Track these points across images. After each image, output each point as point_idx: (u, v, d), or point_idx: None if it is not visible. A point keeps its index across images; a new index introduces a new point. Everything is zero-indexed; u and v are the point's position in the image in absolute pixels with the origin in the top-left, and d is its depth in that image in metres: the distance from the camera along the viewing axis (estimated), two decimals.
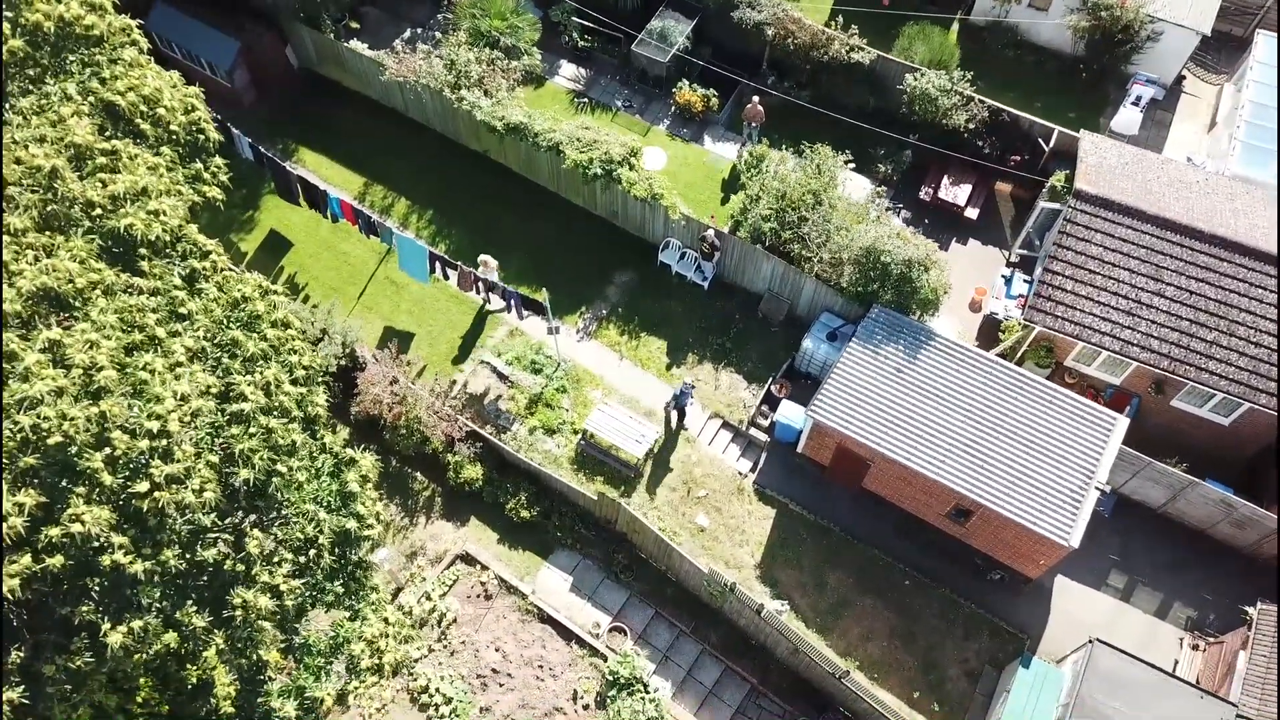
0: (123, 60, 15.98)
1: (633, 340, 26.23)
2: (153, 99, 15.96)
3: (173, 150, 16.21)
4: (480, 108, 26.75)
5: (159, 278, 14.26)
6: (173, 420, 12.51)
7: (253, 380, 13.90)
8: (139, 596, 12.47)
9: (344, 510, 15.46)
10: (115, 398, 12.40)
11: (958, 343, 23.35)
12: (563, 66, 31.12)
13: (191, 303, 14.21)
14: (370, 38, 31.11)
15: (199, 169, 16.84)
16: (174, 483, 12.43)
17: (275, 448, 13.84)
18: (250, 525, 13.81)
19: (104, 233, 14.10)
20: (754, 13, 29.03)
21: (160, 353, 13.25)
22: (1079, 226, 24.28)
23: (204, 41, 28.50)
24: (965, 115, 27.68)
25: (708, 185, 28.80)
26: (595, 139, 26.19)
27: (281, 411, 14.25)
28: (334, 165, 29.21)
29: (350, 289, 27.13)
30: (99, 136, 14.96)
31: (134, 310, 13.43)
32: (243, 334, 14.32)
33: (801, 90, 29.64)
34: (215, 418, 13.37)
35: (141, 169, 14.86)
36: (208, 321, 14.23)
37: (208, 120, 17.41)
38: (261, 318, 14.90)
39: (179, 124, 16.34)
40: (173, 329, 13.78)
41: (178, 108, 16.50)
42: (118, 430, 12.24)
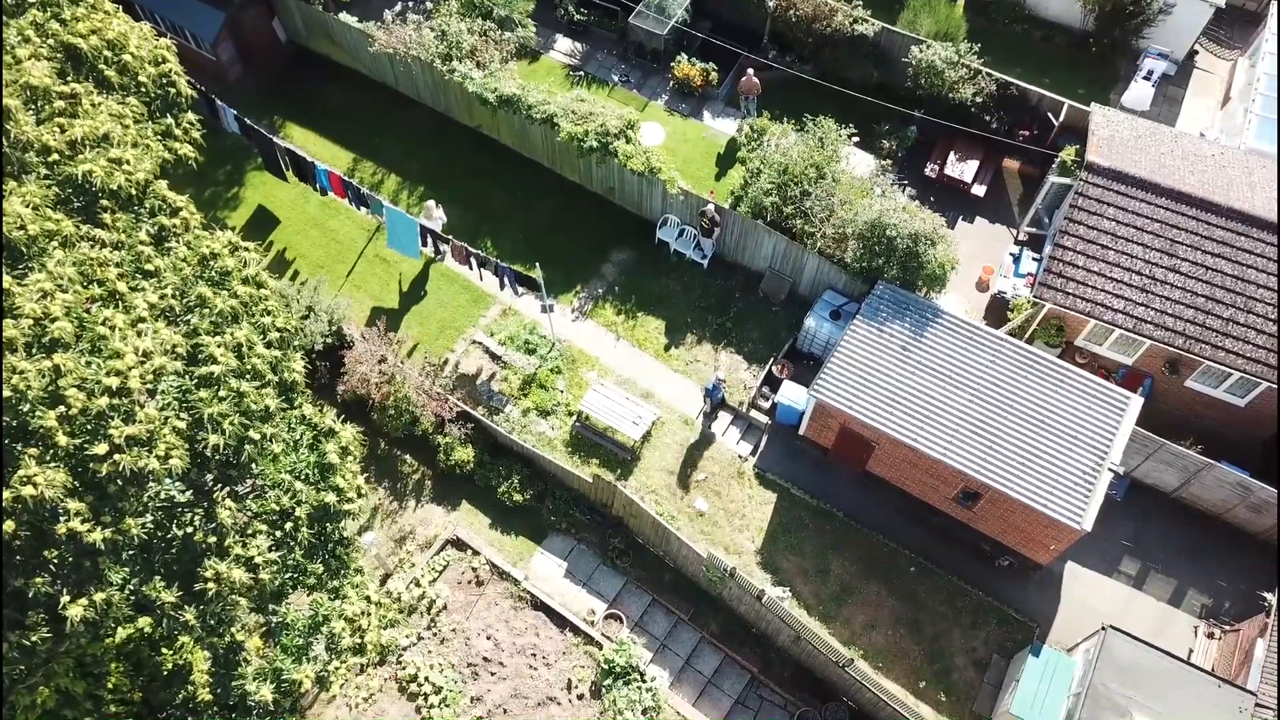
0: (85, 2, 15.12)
1: (630, 320, 25.43)
2: (118, 44, 15.09)
3: (141, 102, 15.36)
4: (472, 79, 25.91)
5: (123, 232, 13.43)
6: (133, 377, 11.70)
7: (223, 341, 13.09)
8: (101, 569, 11.69)
9: (323, 483, 14.68)
10: (71, 352, 11.59)
11: (965, 320, 22.55)
12: (558, 41, 30.27)
13: (159, 259, 13.38)
14: (360, 10, 30.26)
15: (169, 124, 15.97)
16: (136, 445, 11.63)
17: (247, 413, 13.04)
18: (223, 495, 13.03)
19: (61, 180, 13.28)
20: None
21: (122, 308, 12.44)
22: (1090, 200, 23.46)
23: (187, 12, 27.65)
24: (972, 89, 26.86)
25: (706, 161, 27.98)
26: (591, 111, 25.37)
27: (254, 375, 13.45)
28: (322, 141, 28.38)
29: (339, 267, 26.32)
30: (58, 80, 14.11)
31: (94, 263, 12.61)
32: (211, 290, 13.49)
33: (804, 64, 28.82)
34: (183, 381, 12.56)
35: (104, 115, 14.02)
36: (176, 279, 13.40)
37: (179, 73, 16.54)
38: (232, 274, 14.07)
39: (148, 75, 15.48)
40: (137, 284, 12.96)
41: (146, 58, 15.63)
42: (73, 388, 11.44)
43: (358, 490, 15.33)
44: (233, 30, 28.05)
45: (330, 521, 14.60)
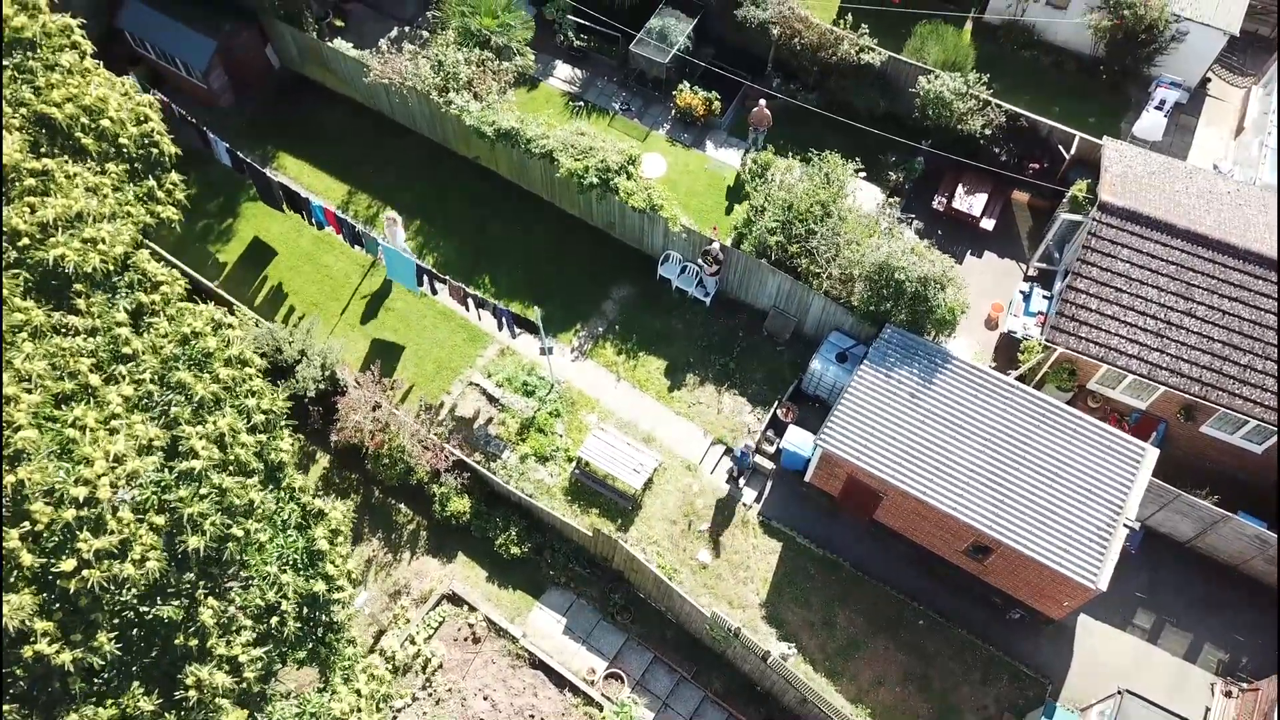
0: (61, 66, 14.44)
1: (630, 360, 24.81)
2: (95, 109, 14.42)
3: (121, 167, 14.69)
4: (469, 112, 25.25)
5: (98, 316, 12.80)
6: (103, 486, 11.07)
7: (204, 431, 12.47)
8: (72, 691, 11.05)
9: (311, 571, 14.04)
10: (37, 461, 10.96)
11: (976, 366, 21.95)
12: (557, 67, 29.60)
13: (136, 341, 12.74)
14: (354, 36, 29.55)
15: (152, 186, 15.31)
16: (106, 558, 11.00)
17: (229, 510, 12.42)
18: (204, 594, 12.40)
19: (32, 266, 12.64)
20: (758, 10, 27.53)
21: (94, 404, 11.81)
22: (1104, 241, 22.85)
23: (178, 41, 26.97)
24: (981, 120, 26.22)
25: (710, 194, 27.34)
26: (591, 146, 24.71)
27: (238, 466, 12.83)
28: (316, 172, 27.72)
29: (332, 304, 25.68)
30: (29, 154, 13.45)
31: (66, 354, 11.98)
32: (192, 375, 12.86)
33: (808, 93, 28.18)
34: (162, 475, 11.93)
35: (79, 190, 13.36)
36: (155, 362, 12.77)
37: (162, 132, 15.88)
38: (214, 355, 13.43)
39: (129, 136, 14.82)
40: (114, 370, 12.31)
41: (127, 119, 14.96)
42: (39, 501, 10.81)
43: (348, 575, 14.72)
44: (224, 57, 27.39)
45: (318, 609, 13.98)
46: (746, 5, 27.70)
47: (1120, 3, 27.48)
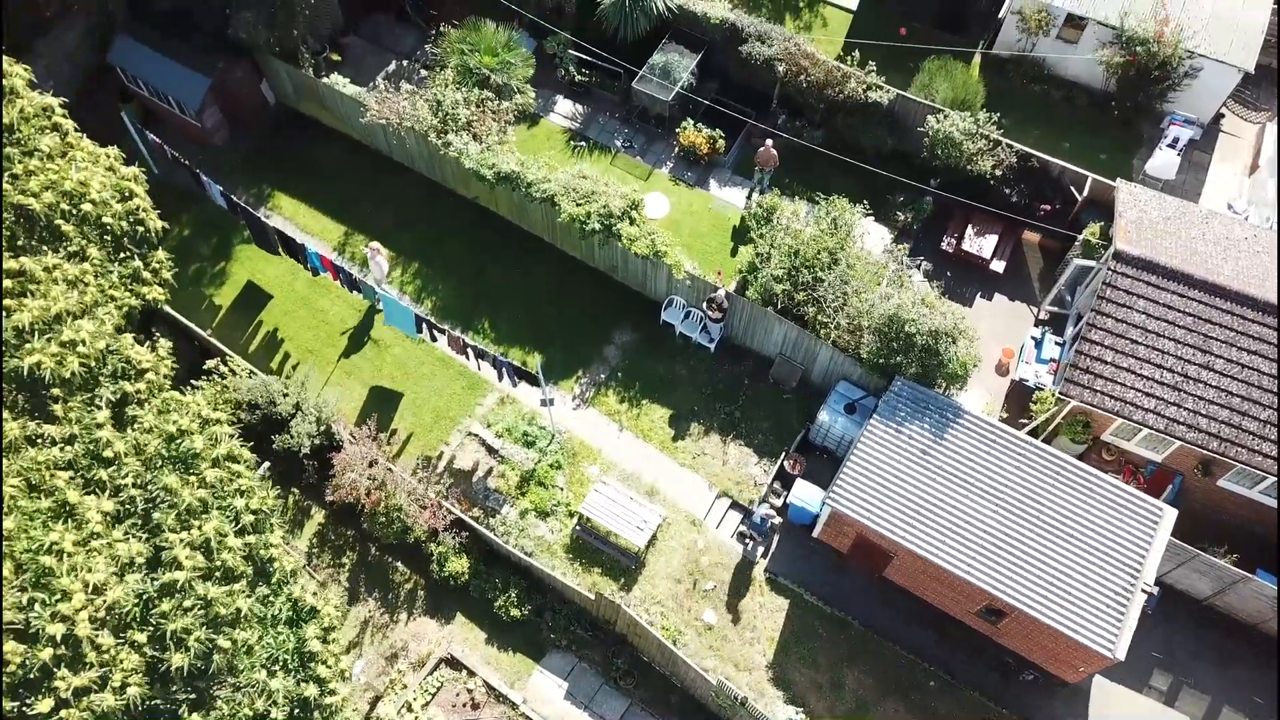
0: (40, 151, 13.85)
1: (633, 408, 24.24)
2: (76, 194, 13.84)
3: (104, 251, 14.11)
4: (468, 155, 24.68)
5: (76, 421, 12.23)
6: (81, 621, 10.49)
7: (188, 539, 11.89)
8: None
9: (303, 673, 13.47)
10: (9, 594, 10.38)
11: (989, 421, 21.40)
12: (558, 103, 29.03)
13: (119, 442, 12.17)
14: (352, 70, 29.02)
15: (137, 267, 14.72)
16: (85, 694, 10.43)
17: (215, 622, 11.85)
18: (187, 710, 11.83)
19: (6, 375, 12.07)
20: (764, 47, 26.98)
21: (73, 524, 11.24)
22: (1119, 291, 22.30)
23: (170, 78, 26.38)
24: (991, 161, 25.66)
25: (714, 235, 26.78)
26: (593, 190, 24.14)
27: (225, 574, 12.26)
28: (312, 212, 27.14)
29: (329, 350, 25.10)
30: (7, 253, 12.86)
31: (42, 468, 11.40)
32: (178, 479, 12.29)
33: (814, 130, 27.61)
34: (144, 587, 11.35)
35: (58, 289, 12.78)
36: (137, 465, 12.20)
37: (147, 209, 15.30)
38: (201, 455, 12.85)
39: (112, 215, 14.24)
40: (95, 474, 11.69)
41: (111, 198, 14.37)
42: (11, 641, 10.24)
43: (341, 675, 14.14)
44: (218, 95, 26.82)
45: (310, 713, 13.37)
46: (751, 42, 27.14)
47: (1133, 39, 26.92)
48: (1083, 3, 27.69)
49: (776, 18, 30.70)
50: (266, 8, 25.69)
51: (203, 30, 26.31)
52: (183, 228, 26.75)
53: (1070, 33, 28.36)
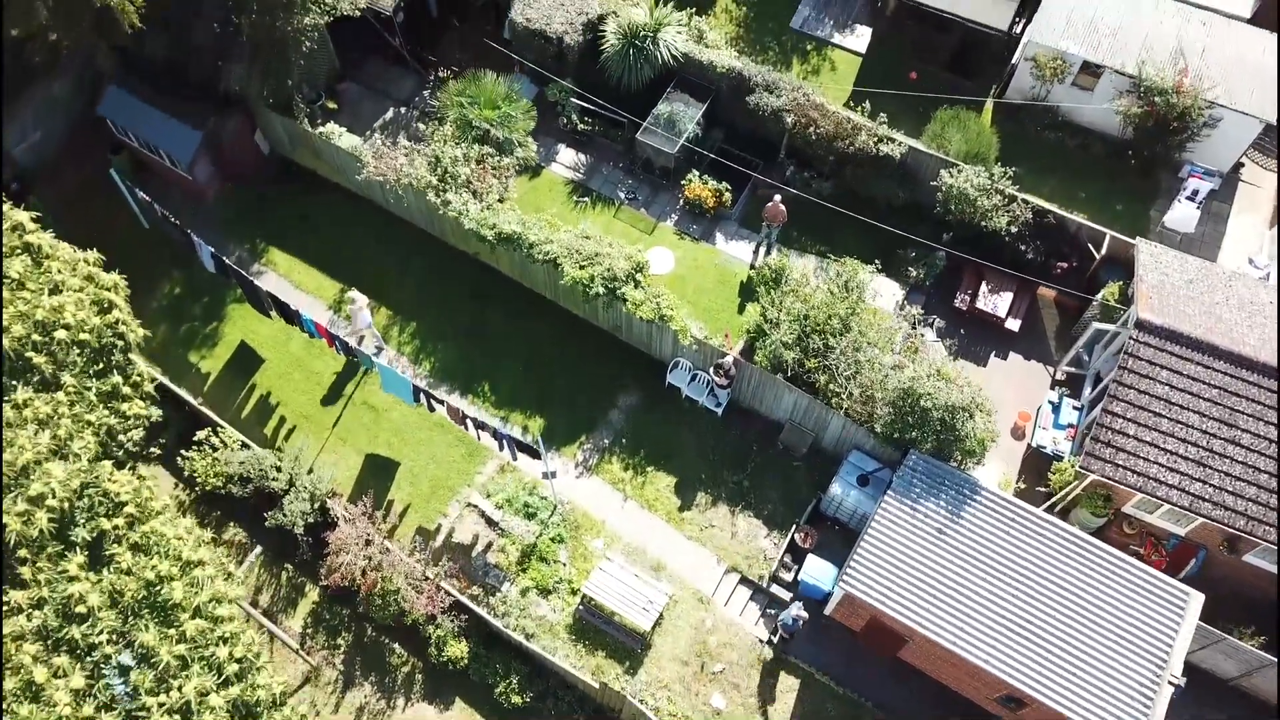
0: (10, 278, 13.10)
1: (638, 476, 23.48)
2: (49, 323, 13.09)
3: (79, 376, 13.32)
4: (468, 214, 23.93)
5: (45, 584, 11.47)
6: None
7: (167, 703, 11.14)
8: None
9: None
10: None
11: (1008, 499, 20.68)
12: (560, 152, 28.27)
13: (93, 595, 11.40)
14: (348, 117, 28.29)
15: (116, 383, 13.95)
16: None
17: None
18: None
19: None
20: (771, 98, 26.23)
21: (41, 704, 10.48)
22: (1142, 362, 21.54)
23: (161, 132, 25.64)
24: (1007, 217, 24.91)
25: (721, 291, 26.02)
26: (597, 252, 23.40)
27: None
28: (307, 268, 26.39)
29: (323, 415, 24.34)
30: None
31: (8, 640, 10.64)
32: (156, 634, 11.52)
33: (824, 181, 26.87)
34: None
35: (25, 434, 12.00)
36: (113, 619, 11.44)
37: (128, 320, 14.52)
38: (182, 605, 12.06)
39: (90, 330, 13.47)
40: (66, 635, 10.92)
41: (88, 314, 13.60)
42: None
43: None
44: (210, 148, 26.07)
45: None
46: (759, 92, 26.40)
47: (1151, 89, 26.19)
48: (1099, 50, 26.98)
49: (783, 62, 30.01)
50: (260, 60, 24.95)
51: (194, 82, 25.50)
52: (174, 285, 26.01)
53: (1086, 80, 27.62)
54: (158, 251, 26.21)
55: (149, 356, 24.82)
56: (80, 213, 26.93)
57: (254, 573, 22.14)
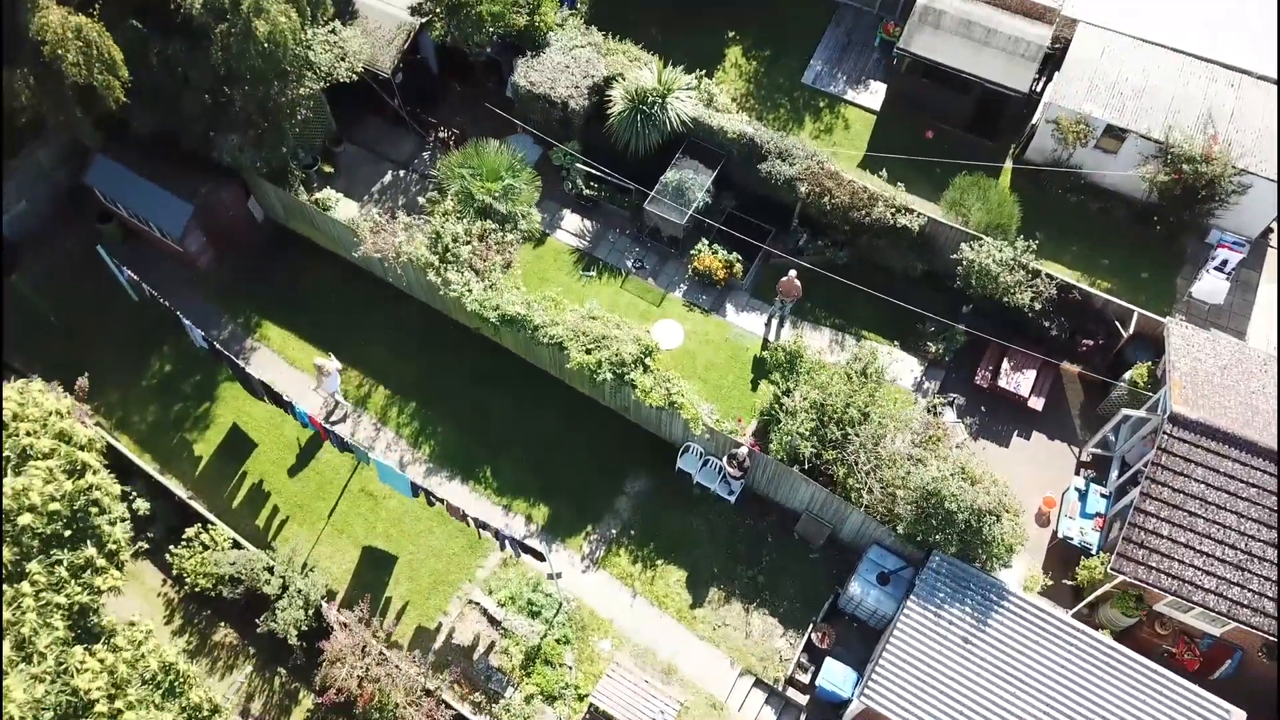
0: None
1: (648, 570, 22.50)
2: (13, 510, 12.06)
3: (46, 562, 12.32)
4: (470, 293, 22.94)
5: None
6: None
7: None
8: None
9: None
10: None
11: (1037, 605, 19.74)
12: (565, 218, 27.30)
13: None
14: (345, 181, 27.42)
15: (90, 555, 12.92)
16: None
17: None
18: None
19: None
20: (785, 166, 25.27)
21: None
22: (1176, 458, 20.56)
23: (150, 203, 24.67)
24: (1030, 293, 23.92)
25: (732, 366, 25.04)
26: (604, 334, 22.42)
27: None
28: (302, 343, 25.40)
29: (319, 504, 23.35)
30: None
31: None
32: None
33: (839, 250, 25.89)
34: None
35: None
36: None
37: (105, 485, 13.50)
38: None
39: (63, 498, 12.46)
40: None
41: (59, 485, 12.56)
42: None
43: None
44: (202, 218, 25.08)
45: None
46: (771, 160, 25.44)
47: (1179, 156, 25.21)
48: (1124, 114, 26.03)
49: (795, 119, 29.07)
50: (253, 129, 24.00)
51: (185, 149, 24.55)
52: (164, 362, 25.04)
53: (1109, 143, 26.65)
54: (148, 324, 25.25)
55: (138, 441, 23.94)
56: (68, 285, 26.03)
57: (241, 693, 21.08)
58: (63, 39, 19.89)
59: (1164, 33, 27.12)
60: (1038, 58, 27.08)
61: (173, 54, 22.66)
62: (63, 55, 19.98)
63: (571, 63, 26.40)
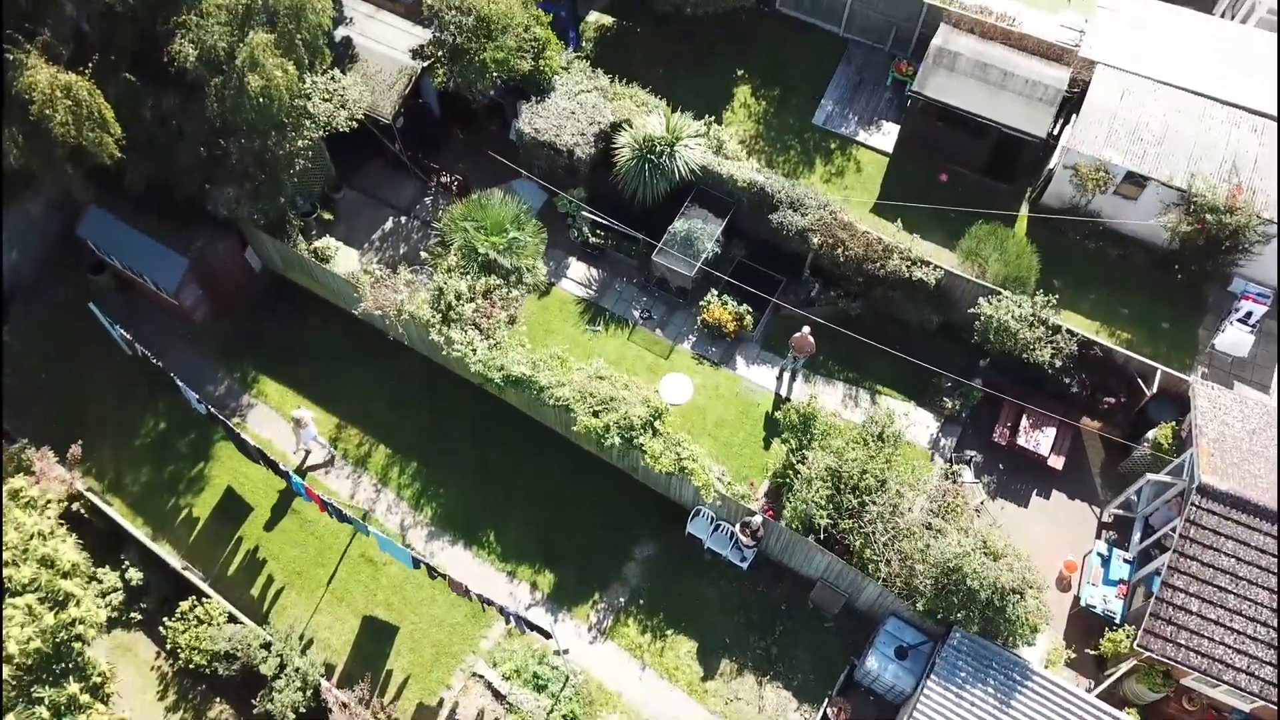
0: None
1: (657, 640, 21.79)
2: None
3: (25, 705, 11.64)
4: (474, 353, 22.24)
5: None
6: None
7: None
8: None
9: None
10: None
11: (1063, 686, 19.05)
12: (571, 266, 26.60)
13: None
14: (344, 228, 26.78)
15: (73, 693, 12.14)
16: None
17: None
18: None
19: None
20: (797, 216, 24.58)
21: None
22: (1205, 531, 19.84)
23: (145, 258, 23.98)
24: (1050, 350, 23.22)
25: (743, 423, 24.34)
26: (612, 396, 21.71)
27: None
28: (300, 400, 24.68)
29: (318, 570, 22.63)
30: None
31: None
32: None
33: (852, 301, 25.21)
34: None
35: None
36: None
37: (87, 614, 12.72)
38: None
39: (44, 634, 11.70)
40: None
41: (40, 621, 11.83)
42: None
43: None
44: (197, 272, 24.38)
45: None
46: (783, 210, 24.75)
47: (1201, 205, 24.53)
48: (1144, 161, 25.34)
49: (806, 161, 28.38)
50: (250, 182, 23.30)
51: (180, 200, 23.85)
52: (158, 420, 24.33)
53: (1130, 189, 25.94)
54: (142, 379, 24.54)
55: (131, 504, 23.25)
56: (60, 339, 25.34)
57: None
58: (51, 99, 19.18)
59: (1185, 75, 26.48)
60: (1056, 101, 26.39)
61: (167, 107, 22.00)
62: (50, 116, 19.27)
63: (577, 108, 25.70)
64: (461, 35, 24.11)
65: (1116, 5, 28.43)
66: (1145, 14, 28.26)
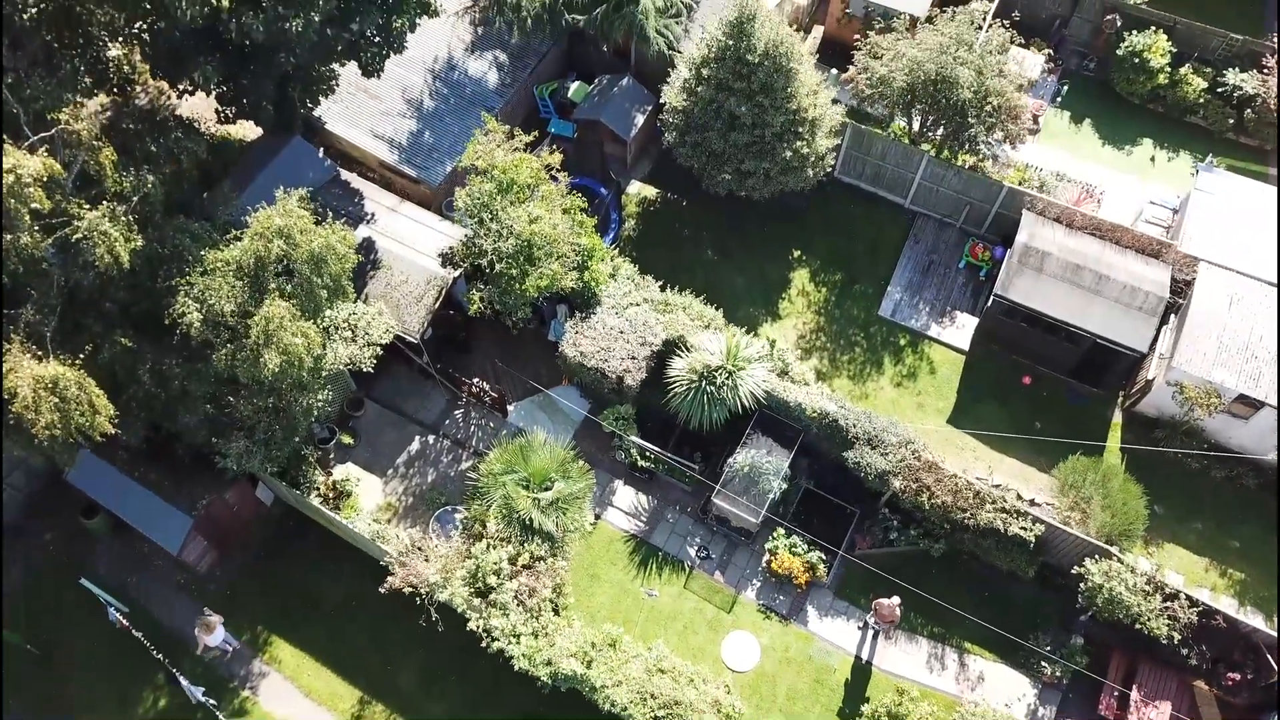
0: None
1: None
2: None
3: None
4: (517, 644, 19.51)
5: None
6: None
7: None
8: None
9: None
10: None
11: None
12: (617, 492, 23.92)
13: None
14: (367, 450, 24.20)
15: None
16: None
17: None
18: None
19: None
20: (876, 456, 21.92)
21: None
22: None
23: (144, 513, 21.33)
24: (1167, 623, 20.53)
25: (818, 694, 21.66)
26: (676, 700, 19.00)
27: None
28: (318, 667, 21.94)
29: None
30: None
31: None
32: None
33: (934, 542, 22.50)
34: None
35: None
36: None
37: None
38: None
39: None
40: None
41: None
42: None
43: None
44: (203, 527, 21.69)
45: None
46: (859, 448, 22.08)
47: None
48: (1260, 385, 22.71)
49: (873, 360, 25.78)
50: (262, 430, 20.60)
51: (182, 450, 21.24)
52: (157, 696, 21.61)
53: (1242, 409, 23.29)
54: (139, 646, 21.73)
55: None
56: (47, 598, 22.61)
57: None
58: (34, 402, 16.48)
59: None
60: (1158, 310, 23.78)
61: (167, 370, 19.30)
62: (33, 421, 16.56)
63: (626, 327, 23.04)
64: (501, 261, 21.45)
65: (1213, 186, 25.81)
66: (1245, 198, 25.63)
